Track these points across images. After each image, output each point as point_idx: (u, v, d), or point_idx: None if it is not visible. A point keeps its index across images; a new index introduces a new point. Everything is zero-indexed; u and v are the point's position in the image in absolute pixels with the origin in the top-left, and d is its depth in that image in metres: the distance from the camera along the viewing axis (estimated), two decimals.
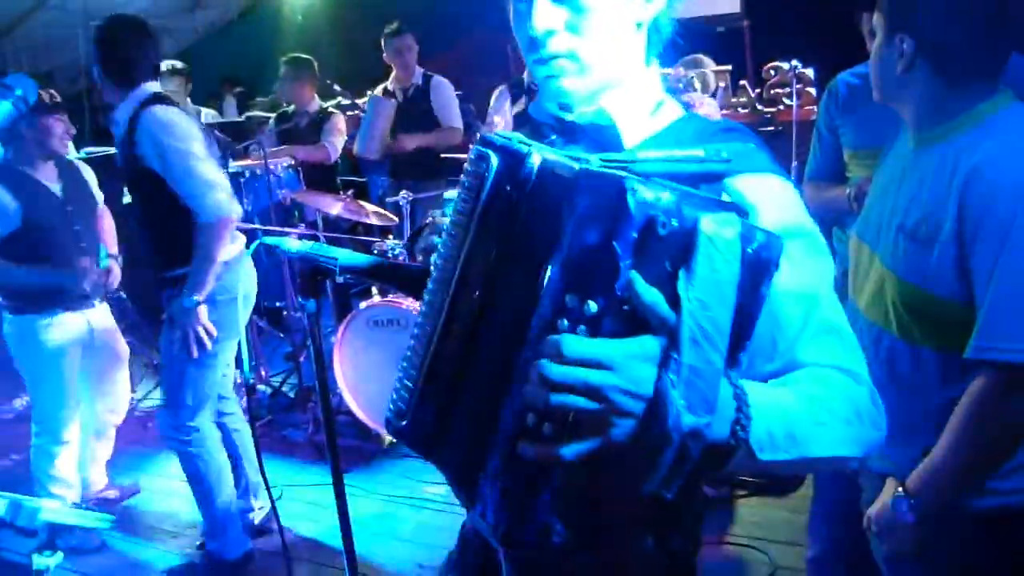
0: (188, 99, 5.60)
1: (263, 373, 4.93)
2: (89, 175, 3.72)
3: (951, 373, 1.49)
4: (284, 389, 4.78)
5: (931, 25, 1.46)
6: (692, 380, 0.81)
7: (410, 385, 1.03)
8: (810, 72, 5.36)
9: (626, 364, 0.81)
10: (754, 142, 1.11)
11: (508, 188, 0.93)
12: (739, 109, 5.65)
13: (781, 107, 5.57)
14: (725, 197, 0.97)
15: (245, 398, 4.59)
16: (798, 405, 0.95)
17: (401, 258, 3.89)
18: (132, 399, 4.95)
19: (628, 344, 0.82)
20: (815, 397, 0.97)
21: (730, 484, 3.49)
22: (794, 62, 5.12)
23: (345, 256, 1.13)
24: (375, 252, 3.90)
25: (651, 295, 0.82)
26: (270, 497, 2.08)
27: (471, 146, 1.00)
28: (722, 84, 5.48)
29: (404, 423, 1.03)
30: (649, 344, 0.82)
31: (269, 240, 1.14)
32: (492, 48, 5.47)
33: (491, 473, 0.91)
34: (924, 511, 1.49)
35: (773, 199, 1.04)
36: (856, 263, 1.73)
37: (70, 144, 5.49)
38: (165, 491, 3.94)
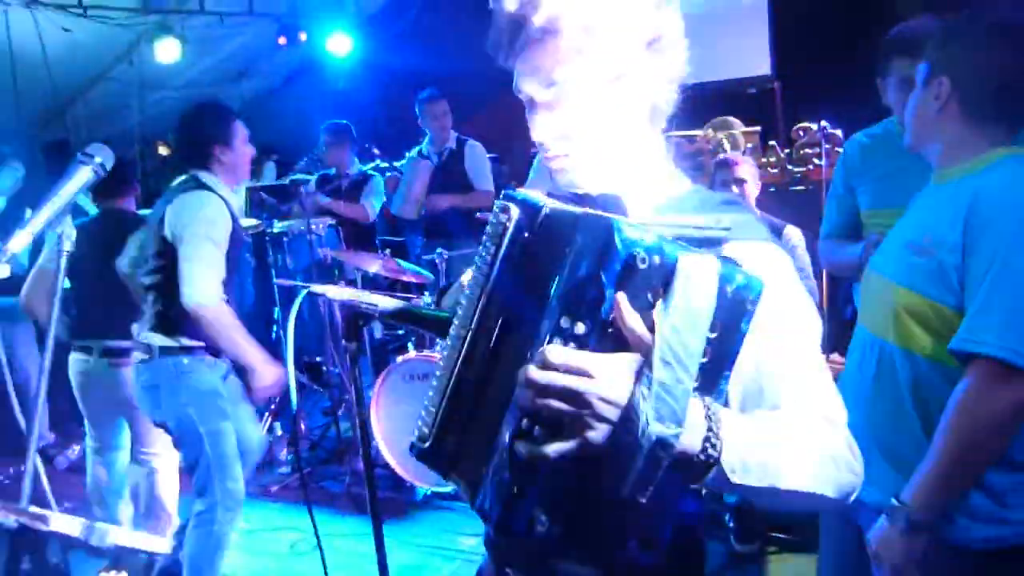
0: None
1: (303, 427, 5.06)
2: None
3: (940, 380, 1.58)
4: (323, 442, 4.89)
5: (970, 68, 1.61)
6: (661, 395, 0.92)
7: (432, 410, 1.13)
8: (839, 132, 5.46)
9: (603, 374, 0.93)
10: (752, 214, 1.23)
11: (525, 234, 1.06)
12: (769, 169, 5.76)
13: (810, 167, 5.66)
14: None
15: (285, 450, 4.76)
16: (773, 438, 1.04)
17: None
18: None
19: (607, 358, 0.94)
20: (791, 435, 1.06)
21: (760, 540, 3.51)
22: (823, 123, 5.23)
23: (387, 303, 1.25)
24: None
25: (631, 318, 0.94)
26: (319, 546, 2.18)
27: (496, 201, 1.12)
28: (750, 144, 5.61)
29: (427, 445, 1.13)
30: (626, 360, 0.94)
31: (317, 288, 1.26)
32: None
33: (492, 470, 1.02)
34: (916, 517, 1.53)
35: (765, 262, 1.13)
36: (865, 293, 1.85)
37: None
38: None
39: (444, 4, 7.20)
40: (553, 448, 0.94)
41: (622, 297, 0.94)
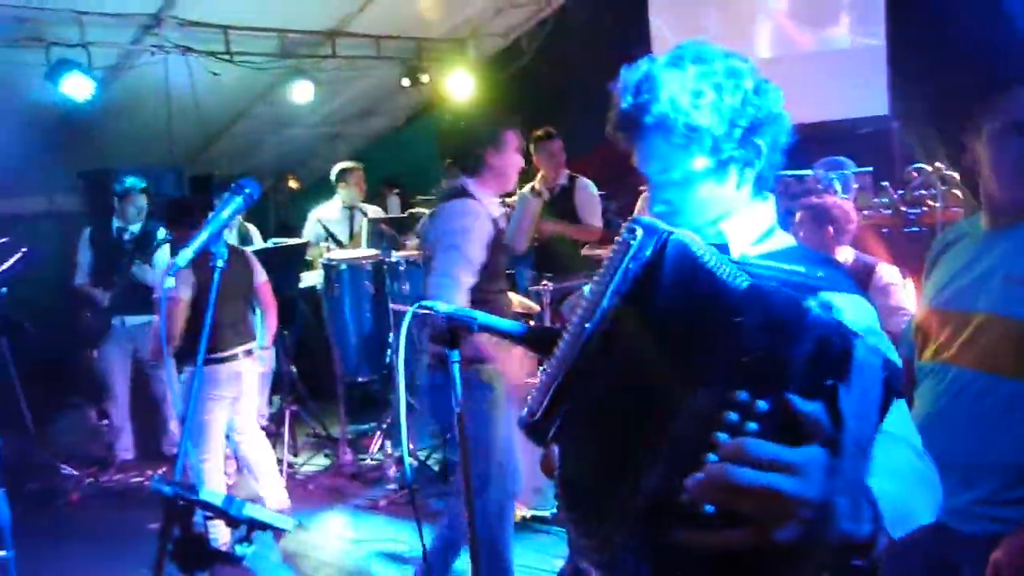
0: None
1: (411, 447, 5.31)
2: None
3: None
4: (429, 463, 5.13)
5: None
6: (851, 492, 0.86)
7: (542, 391, 1.14)
8: (956, 175, 5.36)
9: (806, 471, 0.84)
10: (843, 271, 1.37)
11: (648, 254, 1.07)
12: (881, 210, 5.71)
13: (924, 209, 5.58)
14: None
15: (394, 468, 5.01)
16: (898, 486, 1.07)
17: None
18: (294, 464, 5.48)
19: (804, 452, 0.86)
20: (905, 475, 1.12)
21: None
22: (938, 164, 5.17)
23: (483, 317, 1.44)
24: None
25: (814, 407, 0.87)
26: (424, 558, 2.39)
27: (616, 237, 1.15)
28: (856, 186, 5.58)
29: (534, 420, 1.13)
30: (819, 453, 0.86)
31: (426, 303, 1.46)
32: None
33: (631, 546, 0.96)
34: None
35: (859, 311, 1.25)
36: (935, 331, 1.92)
37: (257, 233, 6.26)
38: (322, 546, 4.35)
39: (557, 49, 7.48)
40: (737, 543, 0.87)
41: (817, 378, 0.88)
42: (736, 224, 1.36)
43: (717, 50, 1.32)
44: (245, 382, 4.27)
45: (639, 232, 1.10)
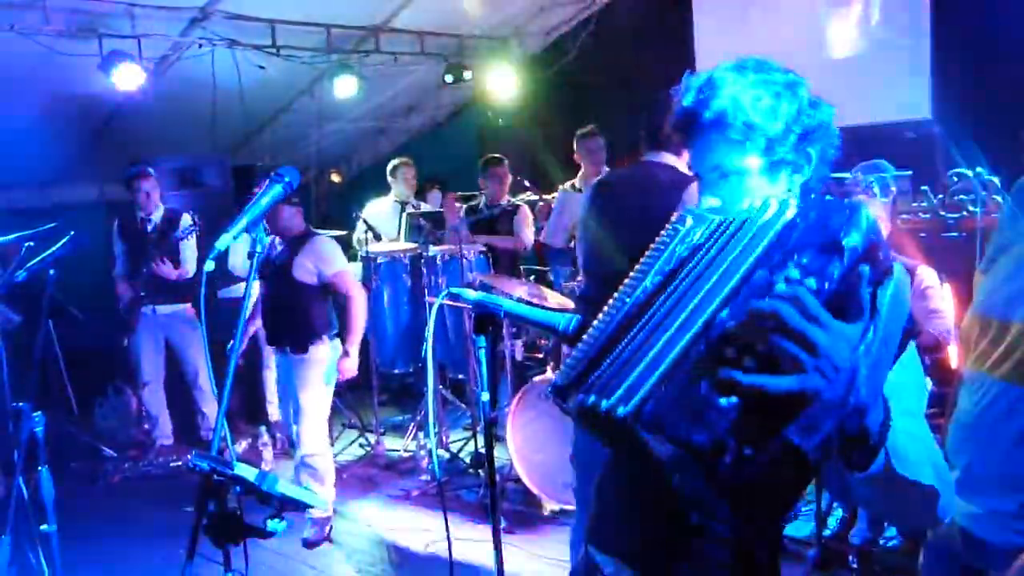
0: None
1: (444, 439, 5.37)
2: None
3: None
4: (461, 455, 5.18)
5: None
6: (874, 369, 1.00)
7: (586, 347, 1.20)
8: (996, 180, 5.28)
9: (840, 336, 0.98)
10: None
11: (697, 239, 1.19)
12: (920, 215, 5.64)
13: (964, 213, 5.50)
14: None
15: (426, 460, 5.07)
16: (912, 437, 1.17)
17: None
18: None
19: (842, 323, 1.00)
20: (919, 439, 1.20)
21: None
22: (979, 169, 5.10)
23: (509, 304, 1.47)
24: None
25: (866, 290, 1.01)
26: (449, 549, 2.45)
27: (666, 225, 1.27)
28: (894, 189, 5.51)
29: (574, 373, 1.18)
30: (854, 329, 1.00)
31: (455, 289, 1.50)
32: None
33: (667, 385, 1.03)
34: None
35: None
36: (976, 337, 1.89)
37: None
38: (355, 533, 4.43)
39: (600, 48, 7.47)
40: (772, 382, 0.97)
41: (866, 271, 1.01)
42: None
43: (777, 64, 1.39)
44: None
45: (689, 220, 1.22)
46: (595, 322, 1.21)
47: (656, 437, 1.05)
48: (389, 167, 6.62)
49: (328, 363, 4.24)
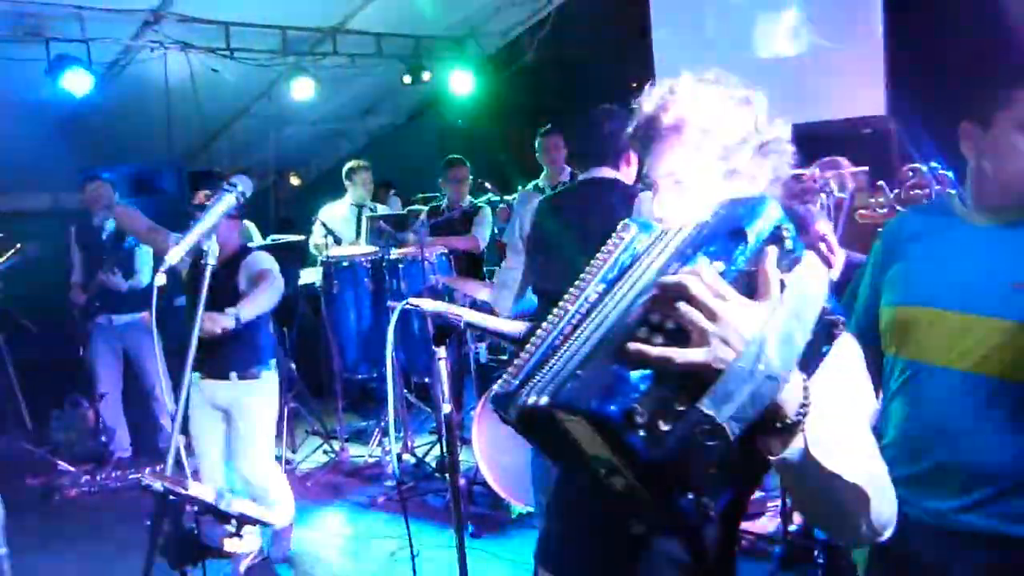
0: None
1: (409, 444, 5.32)
2: None
3: None
4: (427, 459, 5.14)
5: None
6: (784, 342, 1.01)
7: (524, 363, 1.20)
8: (950, 174, 5.36)
9: (745, 308, 1.02)
10: None
11: (639, 249, 1.21)
12: (877, 209, 5.70)
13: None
14: None
15: (391, 464, 5.02)
16: (838, 432, 1.17)
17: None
18: (293, 460, 5.50)
19: (748, 301, 1.03)
20: (850, 437, 1.20)
21: None
22: (933, 163, 5.17)
23: (470, 315, 1.45)
24: None
25: (772, 272, 1.04)
26: (411, 555, 2.42)
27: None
28: (852, 185, 5.57)
29: (514, 388, 1.18)
30: (760, 305, 1.03)
31: (413, 300, 1.47)
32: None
33: (588, 368, 1.06)
34: None
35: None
36: (922, 328, 1.86)
37: (255, 229, 6.26)
38: (320, 542, 4.37)
39: (557, 47, 7.47)
40: (679, 353, 1.00)
41: (772, 251, 1.04)
42: None
43: (736, 79, 1.42)
44: None
45: (633, 229, 1.24)
46: (538, 331, 1.21)
47: (573, 419, 1.06)
48: (345, 170, 6.55)
49: (275, 386, 3.99)
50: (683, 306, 1.00)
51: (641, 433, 0.98)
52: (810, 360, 1.09)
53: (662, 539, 1.36)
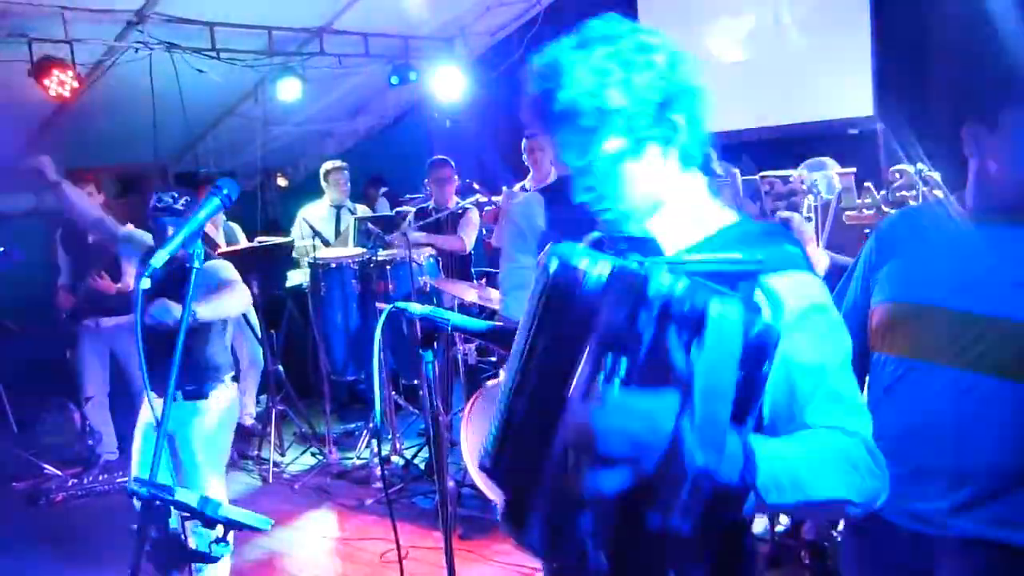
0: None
1: (398, 445, 5.31)
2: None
3: None
4: (416, 461, 5.13)
5: None
6: (703, 428, 1.00)
7: (495, 433, 1.28)
8: (937, 175, 5.38)
9: (653, 413, 1.01)
10: (791, 243, 1.33)
11: (563, 281, 1.19)
12: (864, 210, 5.72)
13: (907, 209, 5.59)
14: (758, 293, 1.19)
15: (379, 467, 5.01)
16: (800, 456, 1.16)
17: None
18: (281, 463, 5.47)
19: (654, 397, 1.02)
20: (813, 450, 1.18)
21: None
22: (919, 165, 5.19)
23: (457, 318, 1.44)
24: None
25: (675, 356, 1.03)
26: (399, 556, 2.41)
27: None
28: (840, 186, 5.59)
29: (489, 462, 1.29)
30: (670, 398, 1.02)
31: (399, 304, 1.46)
32: None
33: (537, 505, 1.14)
34: None
35: (800, 290, 1.25)
36: (913, 326, 1.85)
37: (240, 231, 6.23)
38: (309, 544, 4.35)
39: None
40: (607, 481, 1.03)
41: (669, 337, 1.03)
42: (667, 219, 1.35)
43: (627, 26, 1.31)
44: None
45: (553, 265, 1.21)
46: (507, 374, 1.29)
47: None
48: (322, 171, 6.55)
49: (229, 407, 3.65)
50: (603, 442, 1.02)
51: (596, 561, 1.08)
52: (749, 398, 1.09)
53: None
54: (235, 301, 3.53)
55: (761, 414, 1.21)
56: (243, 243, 6.03)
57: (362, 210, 6.64)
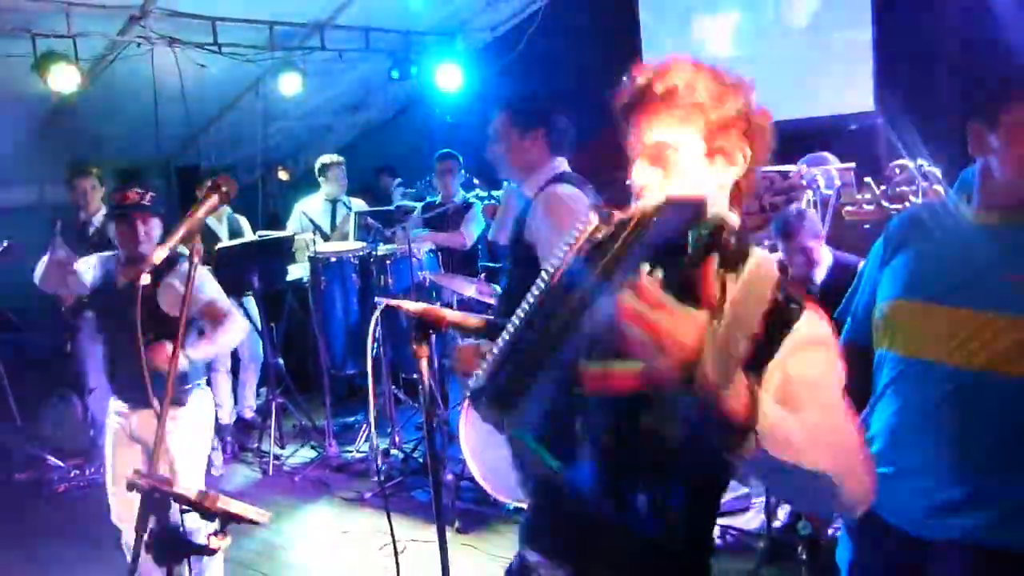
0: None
1: (397, 439, 5.34)
2: None
3: None
4: (415, 455, 5.16)
5: None
6: (722, 351, 1.02)
7: (490, 361, 1.32)
8: (937, 171, 5.38)
9: (682, 320, 1.02)
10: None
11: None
12: (864, 206, 5.73)
13: (907, 204, 5.59)
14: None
15: (378, 460, 5.04)
16: (798, 425, 1.17)
17: None
18: (281, 456, 5.51)
19: (687, 308, 1.04)
20: (809, 425, 1.20)
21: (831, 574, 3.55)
22: (920, 160, 5.20)
23: (452, 315, 1.46)
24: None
25: (711, 277, 1.07)
26: (395, 549, 2.43)
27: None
28: (840, 182, 5.60)
29: (483, 381, 1.32)
30: (701, 314, 1.04)
31: (393, 302, 1.48)
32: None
33: (534, 393, 1.17)
34: None
35: (813, 322, 1.29)
36: (918, 324, 1.86)
37: (247, 224, 6.25)
38: (308, 537, 4.39)
39: (546, 43, 7.47)
40: (621, 370, 1.04)
41: (712, 257, 1.08)
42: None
43: (734, 72, 1.46)
44: None
45: (593, 219, 1.30)
46: (511, 322, 1.30)
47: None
48: (318, 165, 6.55)
49: (206, 412, 3.52)
50: (623, 324, 1.02)
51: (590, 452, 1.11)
52: (762, 354, 1.13)
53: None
54: (234, 337, 3.44)
55: None
56: (249, 236, 6.05)
57: (357, 204, 6.66)
